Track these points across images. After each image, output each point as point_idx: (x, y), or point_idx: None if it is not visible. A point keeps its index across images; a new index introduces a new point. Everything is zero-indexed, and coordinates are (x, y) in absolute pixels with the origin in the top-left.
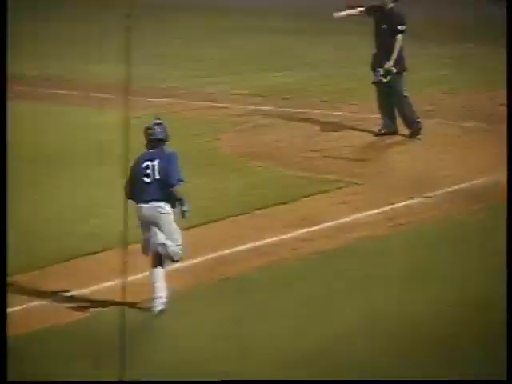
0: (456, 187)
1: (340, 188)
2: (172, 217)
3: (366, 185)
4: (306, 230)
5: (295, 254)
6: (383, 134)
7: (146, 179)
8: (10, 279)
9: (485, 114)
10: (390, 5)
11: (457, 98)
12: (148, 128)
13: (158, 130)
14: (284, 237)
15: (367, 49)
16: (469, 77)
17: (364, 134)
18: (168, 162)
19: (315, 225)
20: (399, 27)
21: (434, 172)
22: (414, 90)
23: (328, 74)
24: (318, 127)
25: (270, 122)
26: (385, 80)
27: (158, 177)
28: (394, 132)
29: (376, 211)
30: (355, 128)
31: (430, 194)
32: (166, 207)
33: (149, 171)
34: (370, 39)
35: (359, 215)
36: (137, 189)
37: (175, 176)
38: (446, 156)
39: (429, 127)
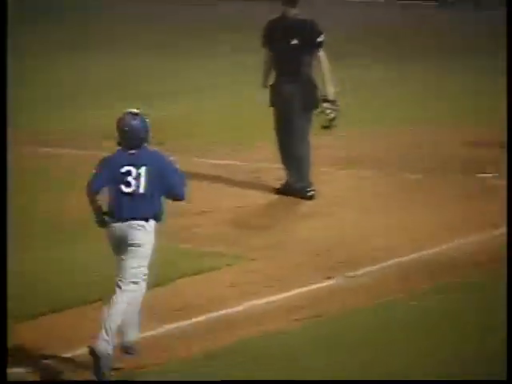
0: (394, 261)
1: (229, 265)
2: (152, 242)
3: (263, 261)
4: (180, 323)
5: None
6: (288, 193)
7: (125, 189)
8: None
9: (441, 159)
10: (293, 12)
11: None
12: (122, 120)
13: (137, 123)
14: (153, 333)
15: None
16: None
17: (262, 190)
18: (168, 172)
19: (194, 316)
20: (318, 39)
21: (363, 241)
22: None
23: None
24: (200, 181)
25: None
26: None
27: (142, 190)
28: (305, 188)
29: (277, 297)
30: (250, 182)
31: (356, 273)
32: (152, 225)
33: (130, 179)
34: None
35: (254, 303)
36: (113, 200)
37: (182, 186)
38: (379, 219)
39: (355, 178)
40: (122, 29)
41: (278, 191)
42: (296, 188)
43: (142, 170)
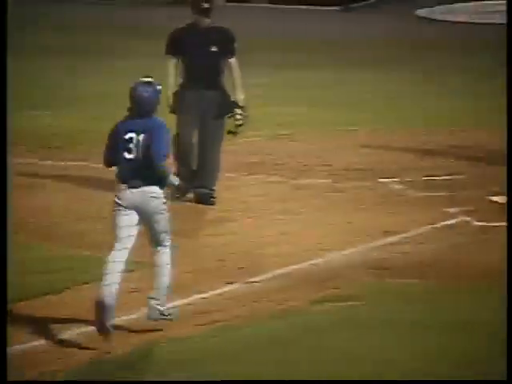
0: (296, 267)
1: (132, 271)
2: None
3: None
4: (82, 329)
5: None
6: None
7: (127, 155)
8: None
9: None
10: (207, 21)
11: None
12: (133, 89)
13: (147, 92)
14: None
15: None
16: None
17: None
18: (155, 134)
19: None
20: (235, 45)
21: (266, 247)
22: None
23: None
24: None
25: None
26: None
27: (141, 157)
28: (209, 194)
29: (179, 303)
30: None
31: (259, 278)
32: (160, 193)
33: (131, 146)
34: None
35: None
36: (119, 167)
37: (161, 151)
38: (284, 225)
39: (261, 184)
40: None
41: (178, 197)
42: (199, 193)
43: (141, 136)
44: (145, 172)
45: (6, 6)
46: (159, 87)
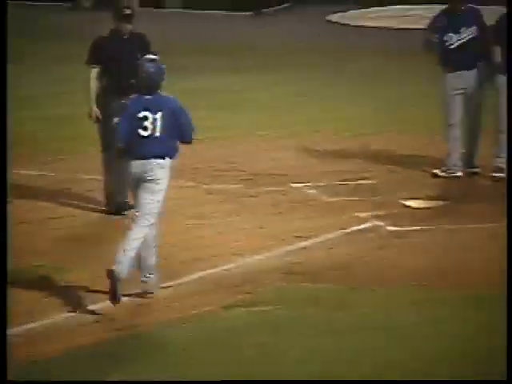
0: (210, 271)
1: (46, 277)
2: (168, 178)
3: (78, 272)
4: None
5: None
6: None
7: (143, 132)
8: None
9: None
10: (129, 27)
11: None
12: (141, 65)
13: (154, 69)
14: None
15: None
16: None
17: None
18: (180, 115)
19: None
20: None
21: (180, 252)
22: None
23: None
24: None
25: None
26: None
27: (158, 134)
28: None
29: (91, 308)
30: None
31: (173, 282)
32: (167, 162)
33: (146, 124)
34: None
35: (67, 315)
36: (131, 142)
37: (190, 130)
38: (199, 229)
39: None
40: None
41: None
42: (117, 201)
43: (158, 115)
44: (159, 147)
45: (5, 10)
46: (164, 66)
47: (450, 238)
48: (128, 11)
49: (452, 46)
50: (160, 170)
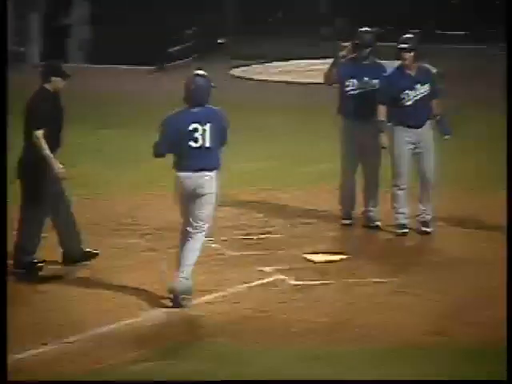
0: (113, 326)
1: None
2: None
3: None
4: None
5: None
6: None
7: (194, 144)
8: None
9: None
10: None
11: None
12: (190, 80)
13: (203, 82)
14: None
15: None
16: None
17: None
18: (224, 125)
19: None
20: None
21: (81, 305)
22: None
23: None
24: None
25: None
26: None
27: (208, 144)
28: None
29: None
30: None
31: (75, 338)
32: (216, 175)
33: (197, 135)
34: None
35: None
36: (180, 155)
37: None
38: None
39: None
40: None
41: None
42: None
43: (207, 126)
44: (209, 158)
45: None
46: (211, 82)
47: (352, 292)
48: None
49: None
50: (210, 182)
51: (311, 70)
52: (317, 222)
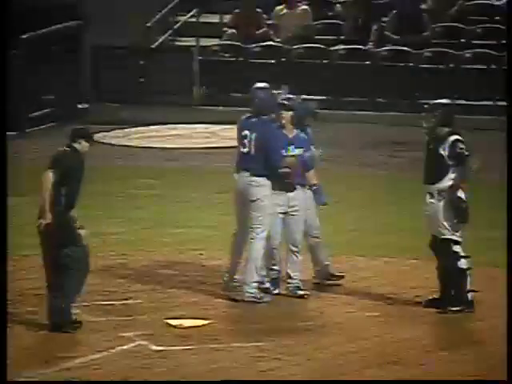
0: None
1: None
2: (268, 198)
3: None
4: None
5: None
6: None
7: (243, 149)
8: None
9: None
10: None
11: None
12: (252, 91)
13: (264, 95)
14: None
15: None
16: None
17: None
18: (267, 140)
19: None
20: None
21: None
22: None
23: None
24: None
25: None
26: None
27: (253, 152)
28: None
29: None
30: None
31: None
32: (263, 181)
33: (245, 142)
34: None
35: None
36: (237, 156)
37: (278, 157)
38: None
39: None
40: None
41: None
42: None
43: (253, 135)
44: (254, 165)
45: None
46: (275, 92)
47: (215, 358)
48: None
49: None
50: (257, 188)
51: (172, 134)
52: (178, 286)
